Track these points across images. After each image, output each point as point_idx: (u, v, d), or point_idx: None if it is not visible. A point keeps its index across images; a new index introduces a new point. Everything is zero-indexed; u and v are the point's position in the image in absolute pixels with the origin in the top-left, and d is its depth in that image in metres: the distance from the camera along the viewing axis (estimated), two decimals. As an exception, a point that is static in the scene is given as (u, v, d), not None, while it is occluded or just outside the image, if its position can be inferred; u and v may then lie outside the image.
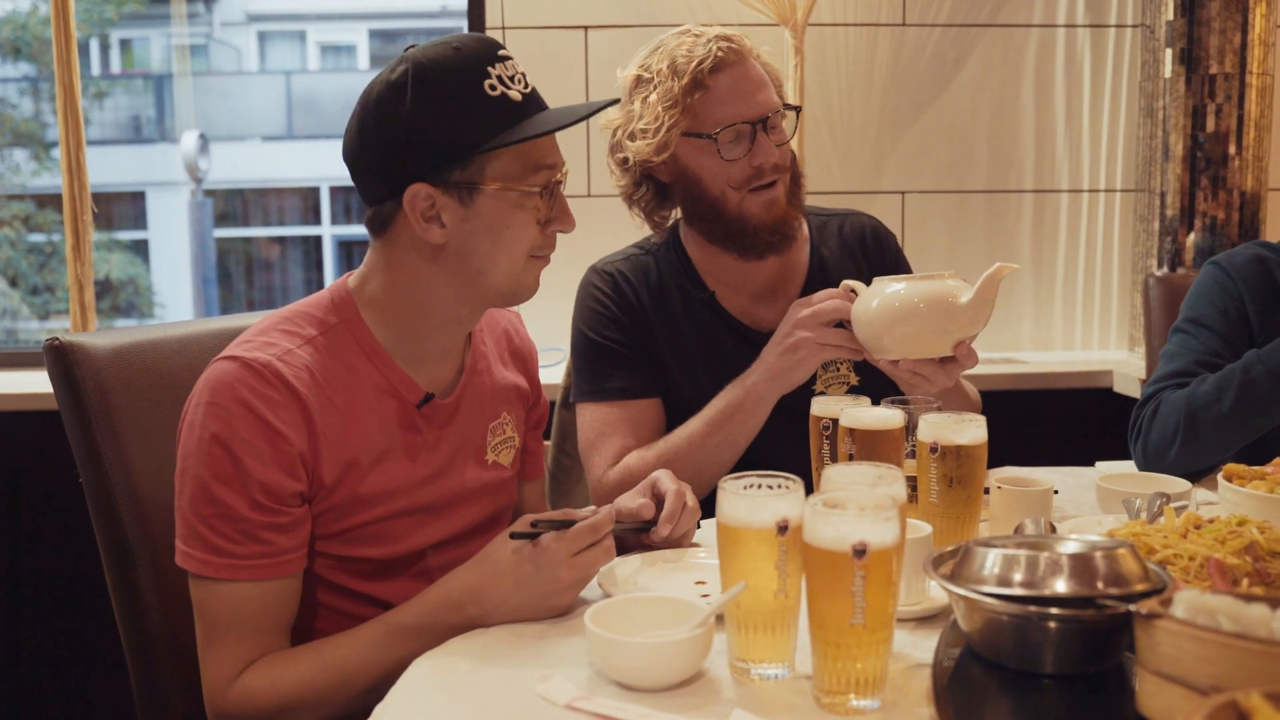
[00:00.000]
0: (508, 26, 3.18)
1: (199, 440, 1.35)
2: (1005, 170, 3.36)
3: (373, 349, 1.48)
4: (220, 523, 1.34)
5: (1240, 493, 1.56)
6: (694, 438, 1.86)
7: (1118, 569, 1.06)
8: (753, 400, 1.82)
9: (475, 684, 1.17)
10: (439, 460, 1.54)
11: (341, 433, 1.42)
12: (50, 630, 3.02)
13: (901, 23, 3.27)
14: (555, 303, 2.18)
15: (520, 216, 1.43)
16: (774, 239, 1.94)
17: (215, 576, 1.36)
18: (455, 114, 1.38)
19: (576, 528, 1.33)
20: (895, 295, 1.68)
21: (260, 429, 1.35)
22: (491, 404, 1.63)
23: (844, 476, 1.23)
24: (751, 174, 1.90)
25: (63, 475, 1.89)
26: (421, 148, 1.38)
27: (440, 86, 1.38)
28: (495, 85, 1.39)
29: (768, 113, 1.90)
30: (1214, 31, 3.00)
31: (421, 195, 1.39)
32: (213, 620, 1.37)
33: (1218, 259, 2.15)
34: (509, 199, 1.42)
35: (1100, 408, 3.16)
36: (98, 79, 12.42)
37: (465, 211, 1.41)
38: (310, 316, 1.47)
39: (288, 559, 1.39)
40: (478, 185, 1.40)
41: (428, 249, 1.44)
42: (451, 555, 1.56)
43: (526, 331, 1.80)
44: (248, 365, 1.37)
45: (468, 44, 1.41)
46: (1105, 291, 3.42)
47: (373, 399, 1.46)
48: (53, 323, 10.49)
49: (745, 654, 1.15)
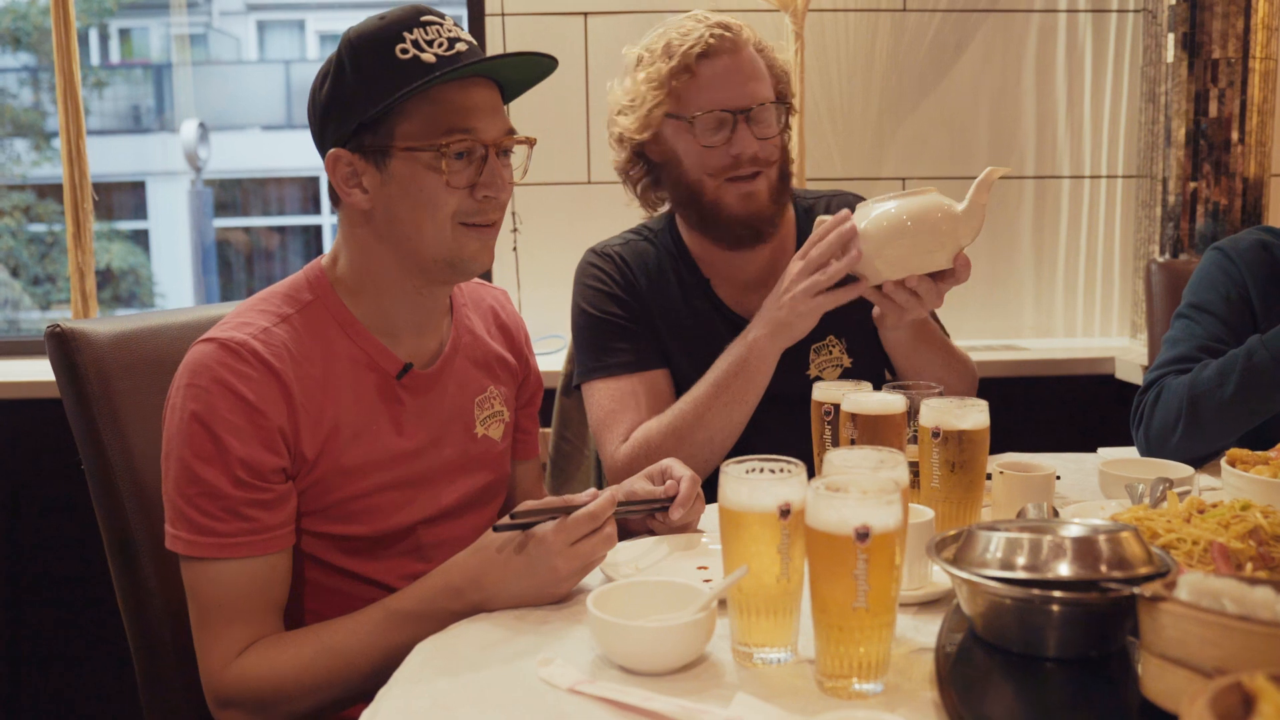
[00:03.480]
0: (507, 13, 3.17)
1: (179, 421, 1.37)
2: (1006, 156, 3.35)
3: (348, 323, 1.49)
4: (204, 501, 1.36)
5: (1244, 478, 1.56)
6: (701, 400, 1.85)
7: (1121, 552, 1.06)
8: (756, 356, 1.82)
9: (478, 668, 1.17)
10: (425, 433, 1.54)
11: (321, 407, 1.44)
12: (49, 620, 3.03)
13: (902, 8, 3.26)
14: (554, 290, 2.18)
15: (432, 179, 1.42)
16: (745, 232, 1.94)
17: (203, 556, 1.37)
18: (366, 79, 1.41)
19: (574, 516, 1.33)
20: (887, 215, 1.70)
21: (239, 406, 1.37)
22: (478, 377, 1.64)
23: (846, 460, 1.23)
24: (729, 163, 1.90)
25: (64, 464, 1.89)
26: (338, 114, 1.42)
27: (358, 55, 1.42)
28: (408, 49, 1.41)
29: (751, 104, 1.89)
30: (1217, 16, 2.99)
31: (343, 161, 1.43)
32: (205, 602, 1.38)
33: (1221, 244, 2.14)
34: (421, 160, 1.42)
35: (1102, 394, 3.15)
36: (97, 69, 12.41)
37: (381, 176, 1.43)
38: (286, 296, 1.50)
39: (274, 536, 1.40)
40: (388, 147, 1.41)
41: (360, 216, 1.47)
42: (443, 531, 1.57)
43: (514, 308, 1.81)
44: (223, 345, 1.39)
45: (393, 12, 1.45)
46: (1107, 278, 3.42)
47: (351, 372, 1.48)
48: (54, 312, 10.49)
49: (748, 638, 1.15)
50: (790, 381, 1.89)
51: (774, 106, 1.93)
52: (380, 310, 1.51)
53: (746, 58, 1.92)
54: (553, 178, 3.23)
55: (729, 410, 1.84)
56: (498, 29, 3.17)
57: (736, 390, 1.84)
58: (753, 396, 1.85)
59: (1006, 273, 3.37)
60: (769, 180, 1.93)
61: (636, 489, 1.57)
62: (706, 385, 1.86)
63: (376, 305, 1.51)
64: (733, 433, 1.86)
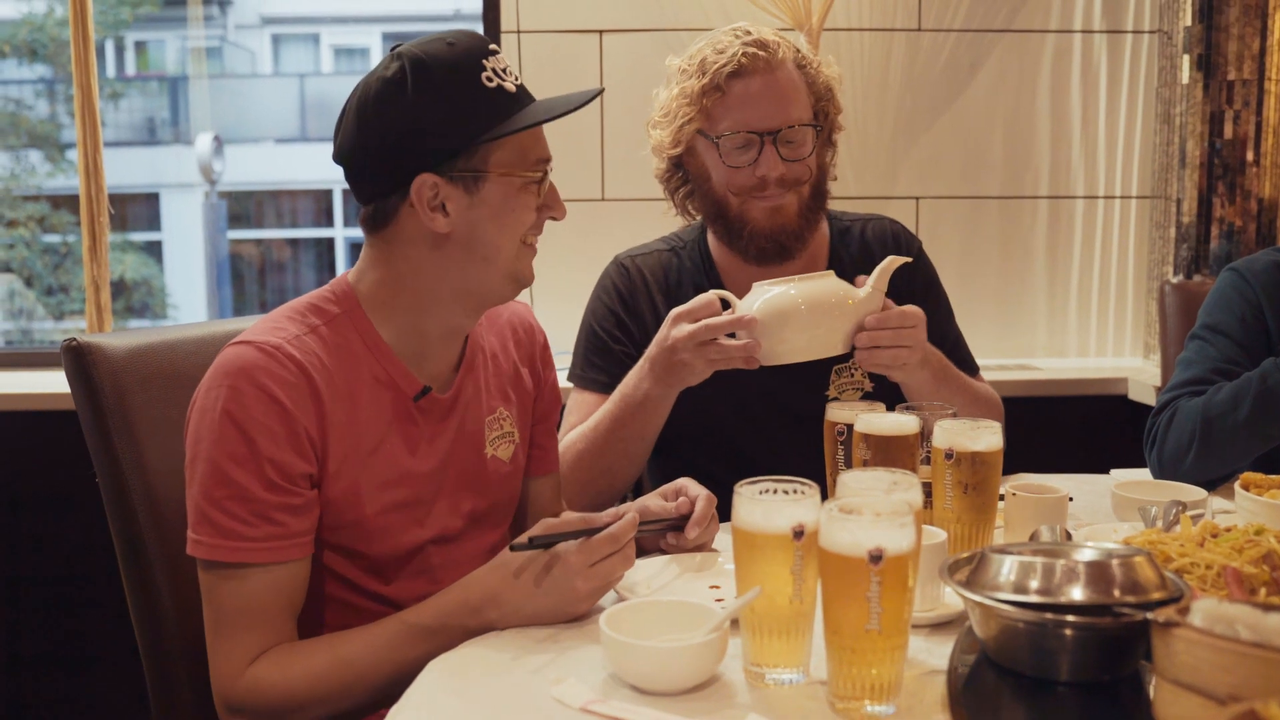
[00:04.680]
0: (522, 30, 3.18)
1: (211, 421, 1.37)
2: (1020, 176, 3.35)
3: (374, 341, 1.49)
4: (233, 504, 1.35)
5: (1257, 501, 1.56)
6: (601, 433, 1.86)
7: (1134, 577, 1.06)
8: (651, 402, 1.80)
9: (490, 687, 1.17)
10: (437, 454, 1.54)
11: (344, 420, 1.44)
12: (58, 630, 3.03)
13: (917, 28, 3.27)
14: (568, 307, 2.19)
15: (524, 199, 1.47)
16: (769, 246, 1.93)
17: (225, 561, 1.36)
18: (456, 106, 1.41)
19: (597, 538, 1.34)
20: (783, 299, 1.66)
21: (273, 408, 1.37)
22: (489, 398, 1.64)
23: (860, 482, 1.23)
24: (755, 184, 1.90)
25: (74, 475, 1.90)
26: (425, 140, 1.41)
27: (439, 80, 1.41)
28: (491, 78, 1.43)
29: (780, 126, 1.88)
30: (1232, 37, 2.99)
31: (428, 185, 1.42)
32: (223, 608, 1.38)
33: (1236, 265, 2.13)
34: (514, 184, 1.46)
35: (1115, 415, 3.14)
36: (113, 80, 12.46)
37: (471, 199, 1.44)
38: (315, 307, 1.50)
39: (298, 542, 1.40)
40: (483, 173, 1.43)
41: (431, 239, 1.46)
42: (454, 552, 1.57)
43: (534, 321, 1.79)
44: (259, 348, 1.39)
45: (461, 39, 1.45)
46: (1120, 298, 3.41)
47: (371, 389, 1.48)
48: (67, 323, 10.52)
49: (760, 659, 1.15)
50: (810, 401, 1.89)
51: (807, 128, 1.92)
52: (411, 330, 1.51)
53: (781, 78, 1.91)
54: (566, 194, 3.17)
55: (627, 445, 1.85)
56: (513, 46, 3.18)
57: (634, 428, 1.84)
58: (651, 433, 1.85)
59: (1019, 292, 3.37)
60: (800, 197, 1.93)
61: (651, 506, 1.58)
62: (607, 419, 1.86)
63: (408, 326, 1.51)
64: (634, 461, 1.87)
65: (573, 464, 1.88)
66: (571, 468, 1.88)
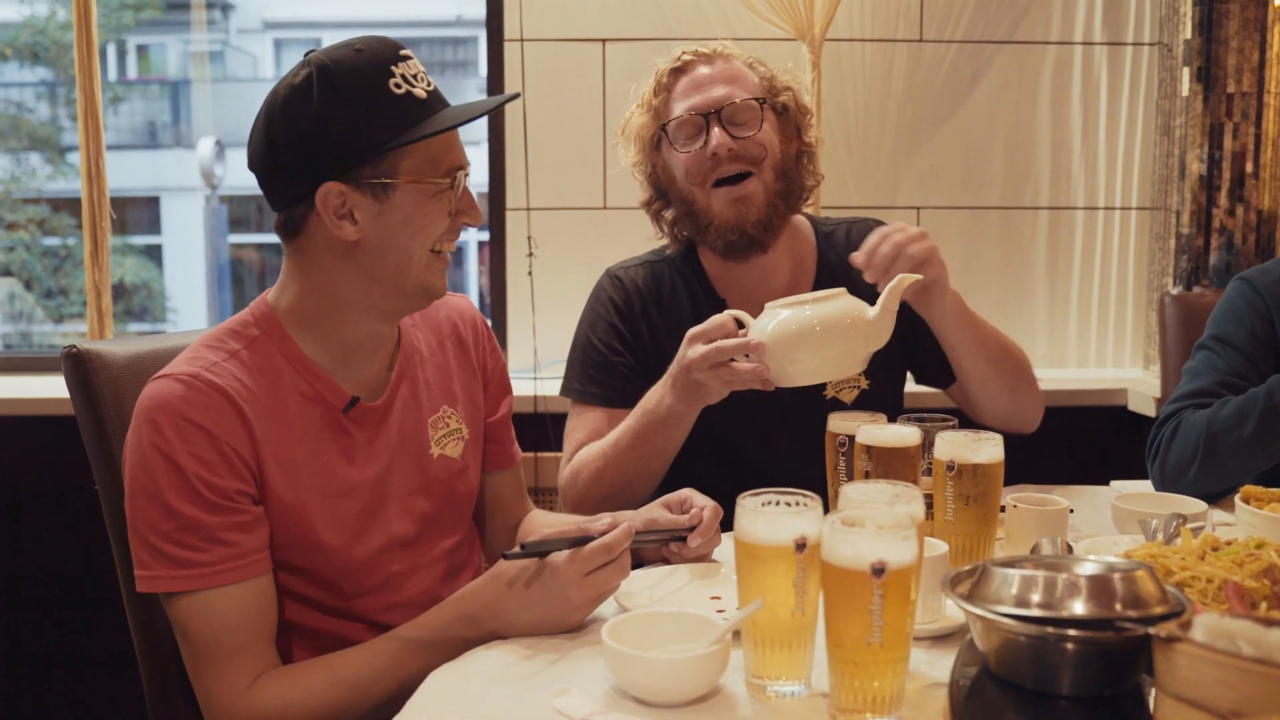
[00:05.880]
0: (526, 39, 3.19)
1: (141, 459, 1.36)
2: (1021, 187, 3.36)
3: (295, 357, 1.48)
4: (183, 535, 1.34)
5: (1258, 515, 1.56)
6: (622, 448, 1.86)
7: (1136, 591, 1.06)
8: (674, 418, 1.80)
9: (491, 698, 1.17)
10: (378, 461, 1.53)
11: (276, 437, 1.42)
12: (58, 632, 3.03)
13: (919, 38, 3.27)
14: (570, 315, 2.18)
15: (434, 206, 1.44)
16: (736, 238, 1.94)
17: (188, 589, 1.34)
18: (362, 112, 1.38)
19: (589, 548, 1.33)
20: (796, 320, 1.63)
21: (196, 434, 1.35)
22: (430, 400, 1.62)
23: (862, 495, 1.23)
24: (709, 164, 1.92)
25: (73, 479, 1.90)
26: (330, 147, 1.39)
27: (346, 86, 1.38)
28: (400, 84, 1.41)
29: (721, 104, 1.92)
30: (1232, 50, 3.00)
31: (334, 193, 1.40)
32: (200, 639, 1.36)
33: (1247, 275, 2.10)
34: (425, 191, 1.43)
35: (1114, 426, 3.15)
36: (115, 84, 12.48)
37: (380, 207, 1.41)
38: (233, 332, 1.48)
39: (254, 559, 1.38)
40: (392, 181, 1.41)
41: (341, 247, 1.44)
42: (414, 557, 1.56)
43: (475, 315, 1.77)
44: (176, 379, 1.38)
45: (369, 45, 1.43)
46: (1120, 309, 3.41)
47: (299, 405, 1.46)
48: (67, 326, 10.53)
49: (762, 671, 1.15)
50: (806, 400, 1.89)
51: (750, 102, 1.94)
52: (332, 342, 1.50)
53: (721, 66, 1.97)
54: (569, 203, 3.25)
55: (648, 461, 1.85)
56: (516, 55, 3.19)
57: (656, 444, 1.83)
58: (672, 449, 1.85)
59: (1019, 302, 3.37)
60: (764, 184, 1.94)
61: (657, 517, 1.58)
62: (629, 434, 1.85)
63: (330, 337, 1.50)
64: (653, 477, 1.87)
65: (590, 481, 1.89)
66: (589, 485, 1.88)
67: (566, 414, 2.09)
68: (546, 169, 3.24)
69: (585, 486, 1.89)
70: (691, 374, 1.70)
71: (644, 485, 1.86)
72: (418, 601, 1.51)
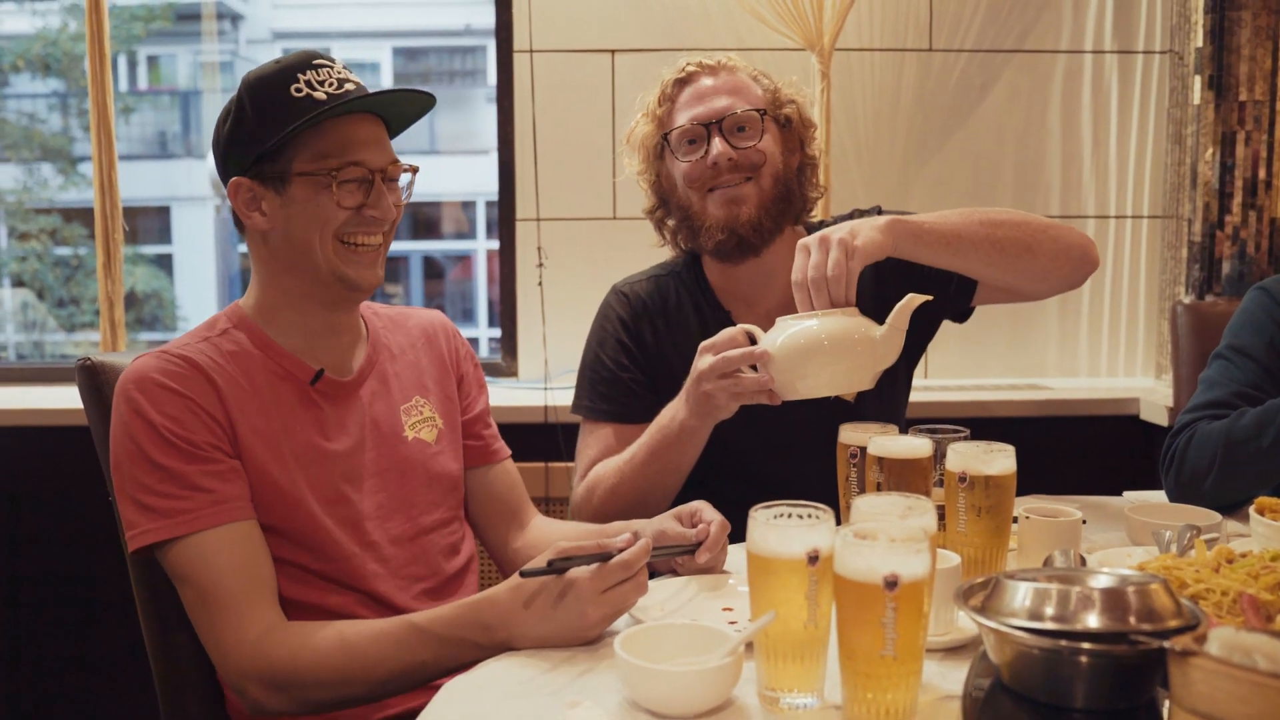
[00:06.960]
0: (535, 50, 3.20)
1: (122, 425, 1.48)
2: (1031, 196, 3.35)
3: (264, 342, 1.61)
4: (165, 485, 1.45)
5: (1273, 527, 1.55)
6: (638, 464, 1.88)
7: (1150, 604, 1.06)
8: (686, 433, 1.81)
9: (504, 710, 1.17)
10: (350, 437, 1.63)
11: (247, 404, 1.54)
12: (69, 638, 3.04)
13: (928, 48, 3.28)
14: (580, 325, 2.19)
15: (325, 198, 1.55)
16: (726, 239, 1.95)
17: (175, 535, 1.44)
18: (265, 115, 1.54)
19: (610, 564, 1.34)
20: (804, 334, 1.63)
21: (169, 396, 1.48)
22: (401, 390, 1.73)
23: (874, 507, 1.23)
24: (708, 174, 1.95)
25: (86, 488, 1.91)
26: (234, 146, 1.57)
27: (256, 95, 1.56)
28: (301, 88, 1.54)
29: (723, 114, 1.94)
30: (1244, 58, 3.00)
31: (243, 187, 1.57)
32: (198, 585, 1.45)
33: (1265, 284, 2.08)
34: (317, 183, 1.55)
35: (1126, 435, 3.14)
36: (125, 95, 12.52)
37: (281, 199, 1.56)
38: (207, 324, 1.63)
39: (236, 505, 1.48)
40: (288, 173, 1.55)
41: (262, 238, 1.60)
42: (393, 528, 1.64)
43: (451, 330, 1.87)
44: (152, 356, 1.52)
45: (288, 58, 1.60)
46: (1132, 318, 3.41)
47: (269, 381, 1.58)
48: (79, 335, 10.56)
49: (775, 683, 1.15)
50: (821, 417, 1.88)
51: (752, 113, 1.96)
52: (294, 329, 1.63)
53: (724, 77, 1.99)
54: (578, 213, 3.25)
55: (663, 476, 1.87)
56: (525, 66, 3.19)
57: (670, 460, 1.84)
58: (686, 465, 1.86)
59: (1030, 311, 3.36)
60: (759, 189, 1.96)
61: (667, 529, 1.58)
62: (644, 450, 1.87)
63: (292, 324, 1.62)
64: (668, 493, 1.89)
65: (605, 497, 1.90)
66: (604, 501, 1.90)
67: (576, 424, 2.09)
68: (556, 179, 3.24)
69: (600, 502, 1.91)
70: (700, 385, 1.72)
71: (658, 501, 1.86)
72: (404, 572, 1.63)
